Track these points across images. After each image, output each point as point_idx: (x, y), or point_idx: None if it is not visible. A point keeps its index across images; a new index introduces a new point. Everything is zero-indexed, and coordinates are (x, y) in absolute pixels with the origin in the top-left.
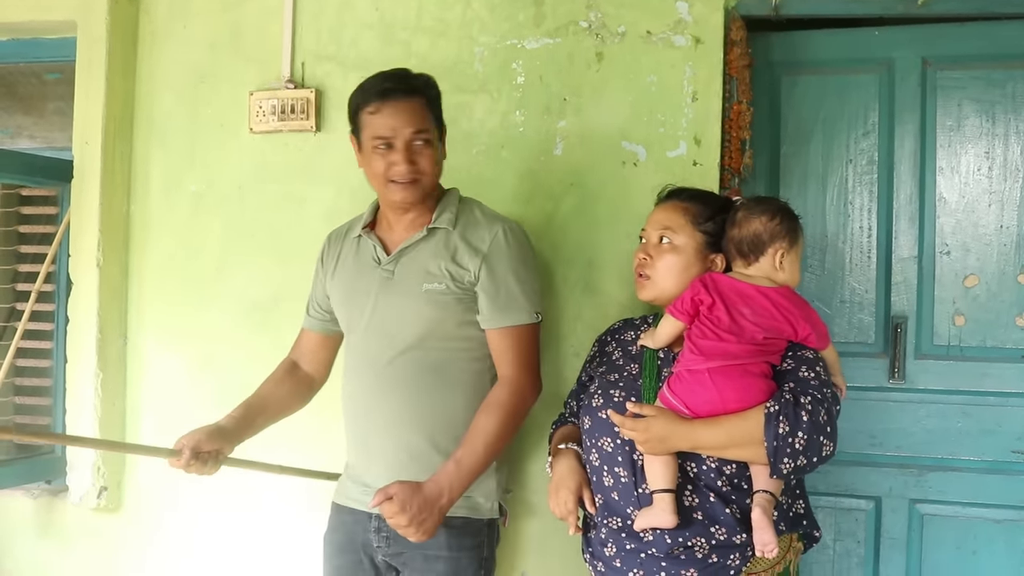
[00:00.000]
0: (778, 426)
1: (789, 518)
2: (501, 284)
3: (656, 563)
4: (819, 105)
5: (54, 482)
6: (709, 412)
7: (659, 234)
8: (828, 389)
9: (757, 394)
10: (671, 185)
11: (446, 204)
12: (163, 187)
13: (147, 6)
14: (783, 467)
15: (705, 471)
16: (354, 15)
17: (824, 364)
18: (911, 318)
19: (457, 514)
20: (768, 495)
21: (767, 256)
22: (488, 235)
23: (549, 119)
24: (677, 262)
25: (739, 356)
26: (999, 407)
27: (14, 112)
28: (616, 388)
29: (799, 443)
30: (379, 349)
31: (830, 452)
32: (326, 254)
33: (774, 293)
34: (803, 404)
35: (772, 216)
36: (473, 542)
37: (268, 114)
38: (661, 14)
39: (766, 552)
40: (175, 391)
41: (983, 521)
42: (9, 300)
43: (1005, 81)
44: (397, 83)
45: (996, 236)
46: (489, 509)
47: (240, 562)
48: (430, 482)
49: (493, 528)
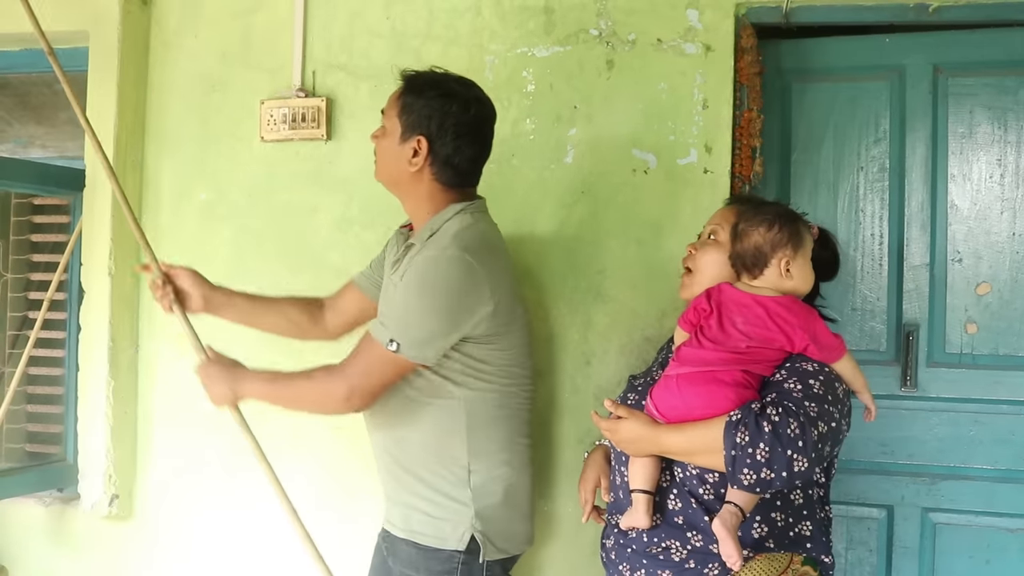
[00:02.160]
0: (736, 435)
1: (788, 537)
2: (391, 296)
3: (638, 559)
4: (830, 112)
5: (65, 490)
6: (676, 418)
7: (710, 230)
8: (813, 404)
9: (723, 402)
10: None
11: (436, 218)
12: (174, 195)
13: (158, 16)
14: (743, 478)
15: (688, 477)
16: (365, 24)
17: (827, 379)
18: (923, 326)
19: (422, 542)
20: (734, 507)
21: (771, 267)
22: (419, 256)
23: (560, 127)
24: (718, 258)
25: (712, 363)
26: (1012, 415)
27: (27, 122)
28: (634, 391)
29: (760, 455)
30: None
31: (803, 468)
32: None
33: (772, 302)
34: (768, 415)
35: (770, 225)
36: (442, 568)
37: (279, 123)
38: (672, 22)
39: (729, 564)
40: (186, 399)
41: (996, 530)
42: (22, 308)
43: (1017, 88)
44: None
45: (1008, 243)
46: (457, 539)
47: (252, 570)
48: (241, 368)
49: (473, 562)
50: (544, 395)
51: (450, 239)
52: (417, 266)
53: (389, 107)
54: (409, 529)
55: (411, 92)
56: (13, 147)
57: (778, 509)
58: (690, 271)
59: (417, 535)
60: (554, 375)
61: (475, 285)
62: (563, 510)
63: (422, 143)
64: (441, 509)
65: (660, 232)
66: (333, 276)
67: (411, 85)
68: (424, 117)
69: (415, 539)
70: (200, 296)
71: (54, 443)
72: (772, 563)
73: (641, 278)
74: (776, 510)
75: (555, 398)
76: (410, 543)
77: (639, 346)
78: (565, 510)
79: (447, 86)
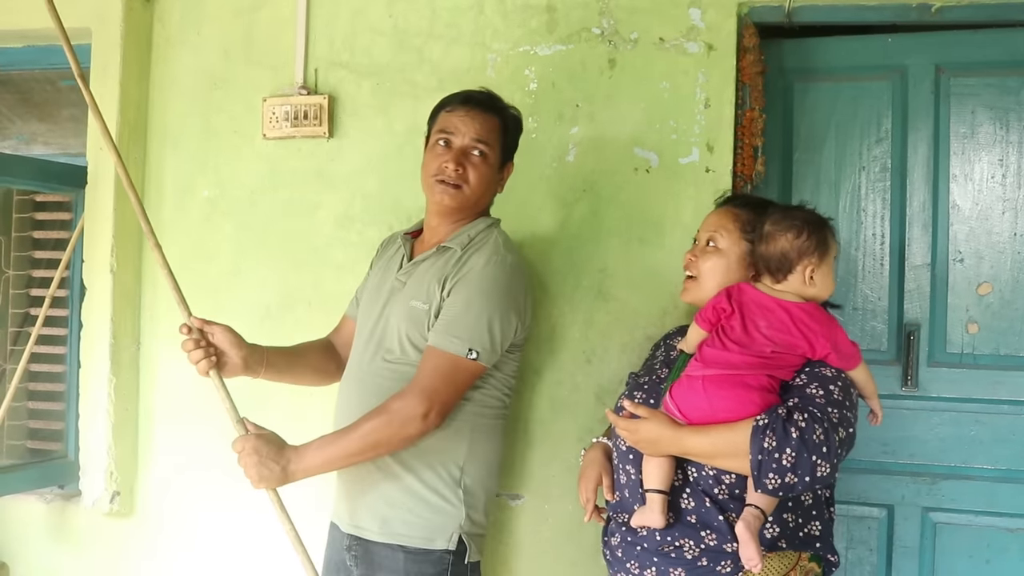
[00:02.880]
0: (764, 440)
1: (799, 537)
2: (453, 306)
3: (648, 557)
4: (832, 112)
5: (67, 487)
6: (700, 419)
7: (708, 236)
8: (835, 409)
9: (749, 406)
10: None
11: (469, 227)
12: (176, 193)
13: (161, 13)
14: (768, 482)
15: (703, 477)
16: (367, 22)
17: (845, 385)
18: (924, 326)
19: (411, 544)
20: (756, 510)
21: (796, 274)
22: (474, 260)
23: (562, 125)
24: (720, 265)
25: (738, 367)
26: (1013, 415)
27: (29, 119)
28: (640, 389)
29: (787, 460)
30: (365, 352)
31: (826, 473)
32: (376, 255)
33: (796, 308)
34: (795, 421)
35: (799, 233)
36: (434, 571)
37: (281, 120)
38: (674, 21)
39: (749, 567)
40: (188, 396)
41: (996, 530)
42: (23, 305)
43: (1019, 88)
44: (483, 97)
45: (1010, 244)
46: (446, 540)
47: (254, 567)
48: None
49: (460, 563)
50: (544, 393)
51: (502, 247)
52: (479, 274)
53: (490, 134)
54: (391, 532)
55: (505, 122)
56: (15, 144)
57: (789, 510)
58: (693, 278)
59: (402, 537)
60: (554, 373)
61: (525, 292)
62: (562, 508)
63: (509, 169)
64: (432, 509)
65: (662, 231)
66: (334, 273)
67: (505, 116)
68: (513, 143)
69: (401, 542)
70: (239, 358)
71: (55, 440)
72: (783, 560)
73: (642, 277)
74: (788, 511)
75: (555, 396)
76: (394, 547)
77: (640, 344)
78: (564, 508)
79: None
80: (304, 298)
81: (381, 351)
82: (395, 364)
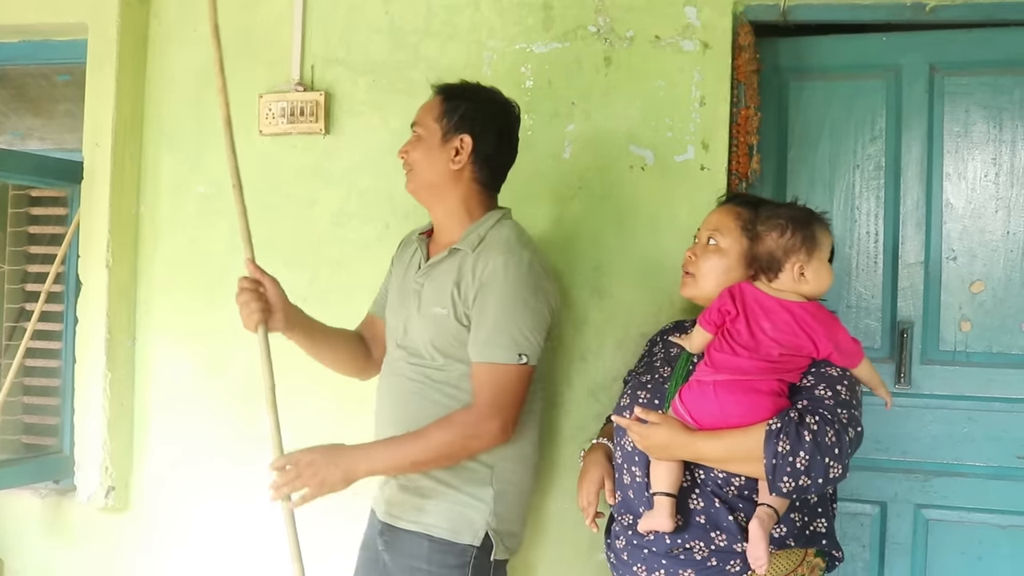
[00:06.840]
0: (778, 444)
1: (805, 535)
2: (488, 317)
3: (656, 560)
4: (826, 110)
5: (62, 482)
6: (711, 425)
7: (708, 234)
8: (844, 410)
9: (761, 411)
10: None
11: (478, 225)
12: (172, 188)
13: (157, 9)
14: (782, 485)
15: (712, 478)
16: (364, 18)
17: (850, 383)
18: (917, 323)
19: (437, 534)
20: (769, 510)
21: (785, 272)
22: (491, 263)
23: (557, 123)
24: (719, 264)
25: (749, 372)
26: (1005, 413)
27: (24, 114)
28: (644, 389)
29: (800, 463)
30: (397, 353)
31: (839, 474)
32: (396, 253)
33: (798, 308)
34: (808, 424)
35: (782, 231)
36: (456, 562)
37: (277, 116)
38: (670, 19)
39: (756, 567)
40: (183, 391)
41: (988, 527)
42: (19, 300)
43: (1013, 87)
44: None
45: (1003, 242)
46: (472, 535)
47: (250, 562)
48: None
49: (484, 558)
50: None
51: (515, 244)
52: (497, 272)
53: (423, 115)
54: (420, 522)
55: (451, 97)
56: (11, 139)
57: (796, 509)
58: (691, 275)
59: (431, 528)
60: (548, 370)
61: (549, 280)
62: (558, 507)
63: (465, 141)
64: (462, 503)
65: (657, 228)
66: (330, 269)
67: (449, 92)
68: (468, 119)
69: (428, 531)
70: (283, 314)
71: (50, 435)
72: (790, 557)
73: (637, 274)
74: (795, 510)
75: (549, 394)
76: (421, 536)
77: (635, 341)
78: (560, 507)
79: (485, 91)
80: (300, 294)
81: (410, 355)
82: (424, 368)
